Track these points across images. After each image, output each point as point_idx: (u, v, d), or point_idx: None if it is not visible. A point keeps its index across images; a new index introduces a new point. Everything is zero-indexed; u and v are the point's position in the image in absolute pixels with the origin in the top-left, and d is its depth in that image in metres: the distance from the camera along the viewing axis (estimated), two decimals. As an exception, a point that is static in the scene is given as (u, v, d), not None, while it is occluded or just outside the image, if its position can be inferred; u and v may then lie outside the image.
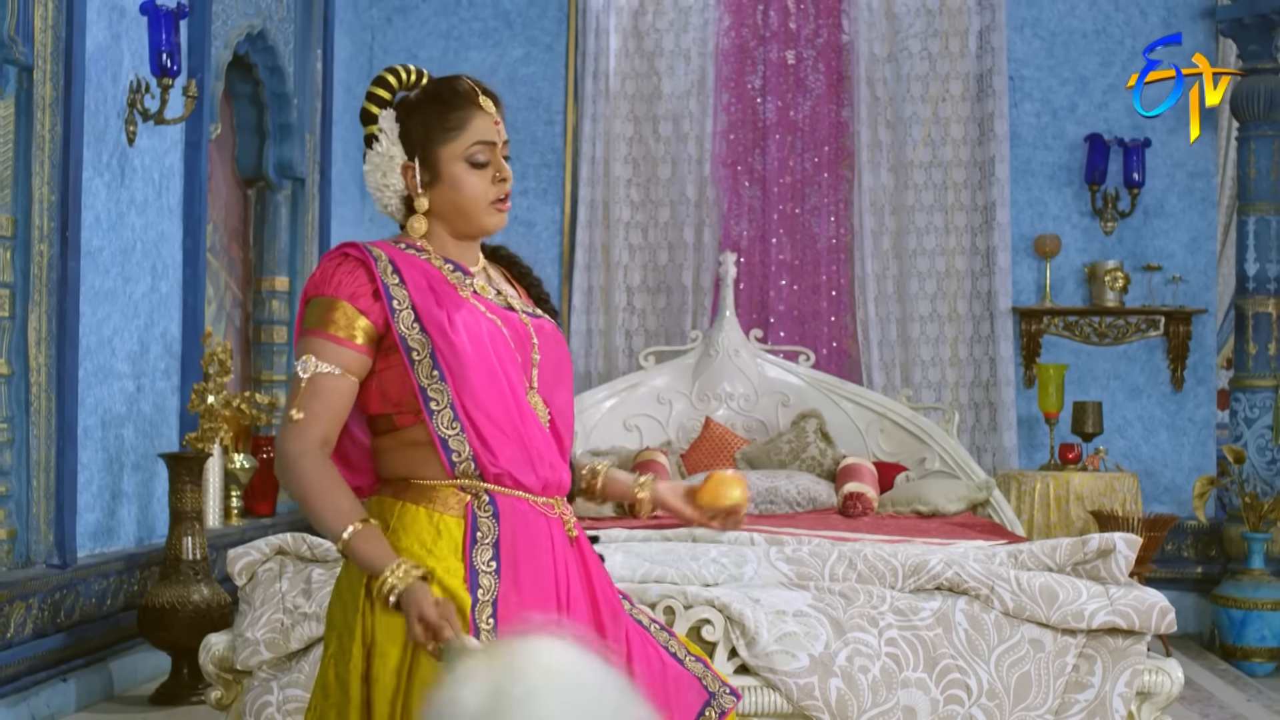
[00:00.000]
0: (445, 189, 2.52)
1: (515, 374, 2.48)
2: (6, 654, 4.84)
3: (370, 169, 2.56)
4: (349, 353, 2.41)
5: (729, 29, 8.21)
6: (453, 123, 2.51)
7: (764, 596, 3.82)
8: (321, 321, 2.41)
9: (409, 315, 2.43)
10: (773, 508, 6.27)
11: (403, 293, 2.44)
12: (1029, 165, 8.11)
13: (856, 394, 7.18)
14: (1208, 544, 7.86)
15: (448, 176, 2.51)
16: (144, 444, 5.93)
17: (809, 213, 8.19)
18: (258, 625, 3.91)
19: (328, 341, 2.40)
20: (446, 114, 2.52)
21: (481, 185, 2.52)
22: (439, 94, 2.54)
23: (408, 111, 2.54)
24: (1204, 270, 8.05)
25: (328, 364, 2.40)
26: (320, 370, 2.40)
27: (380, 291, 2.42)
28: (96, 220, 5.52)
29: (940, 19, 8.06)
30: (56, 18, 5.12)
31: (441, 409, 2.41)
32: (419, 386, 2.41)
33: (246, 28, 6.69)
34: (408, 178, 2.53)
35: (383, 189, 2.55)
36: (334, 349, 2.40)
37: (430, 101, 2.54)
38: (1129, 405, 8.03)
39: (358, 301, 2.42)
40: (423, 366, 2.42)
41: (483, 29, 8.38)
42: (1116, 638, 3.79)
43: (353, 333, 2.41)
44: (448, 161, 2.51)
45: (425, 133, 2.52)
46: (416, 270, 2.47)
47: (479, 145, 2.51)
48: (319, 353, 2.40)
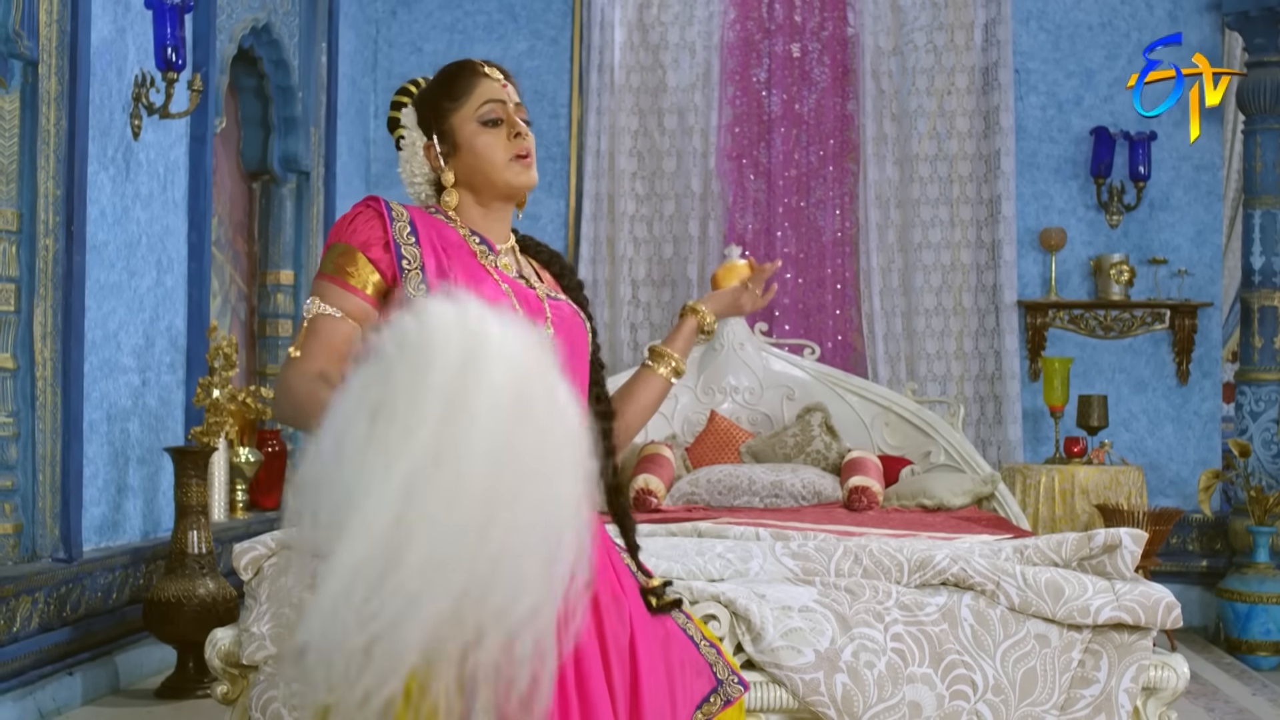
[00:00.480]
0: (465, 155, 2.54)
1: None
2: (12, 648, 4.84)
3: (401, 167, 2.61)
4: (353, 298, 2.42)
5: (734, 22, 8.20)
6: (458, 90, 2.55)
7: (769, 592, 3.82)
8: (332, 267, 2.44)
9: (417, 276, 2.43)
10: (778, 501, 6.27)
11: (415, 252, 2.45)
12: (1034, 158, 8.09)
13: (861, 387, 7.17)
14: (1213, 538, 7.85)
15: (464, 142, 2.53)
16: (149, 438, 5.93)
17: (814, 206, 8.18)
18: (263, 620, 3.91)
19: (334, 285, 2.42)
20: (452, 84, 2.56)
21: (497, 142, 2.54)
22: (445, 72, 2.59)
23: (421, 98, 2.60)
24: (1209, 263, 8.04)
25: (330, 306, 2.41)
26: (323, 311, 2.41)
27: (391, 245, 2.44)
28: (101, 214, 5.52)
29: (945, 12, 8.05)
30: (61, 12, 5.12)
31: None
32: None
33: (251, 21, 6.68)
34: (430, 157, 2.57)
35: (413, 181, 2.60)
36: (339, 293, 2.42)
37: (437, 81, 2.59)
38: (1134, 399, 8.02)
39: (369, 251, 2.44)
40: None
41: (487, 22, 8.37)
42: (1122, 633, 3.78)
43: (361, 281, 2.43)
44: (460, 127, 2.54)
45: (435, 108, 2.56)
46: (435, 231, 2.49)
47: (488, 104, 2.53)
48: (324, 295, 2.42)
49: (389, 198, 2.54)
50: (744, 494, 6.31)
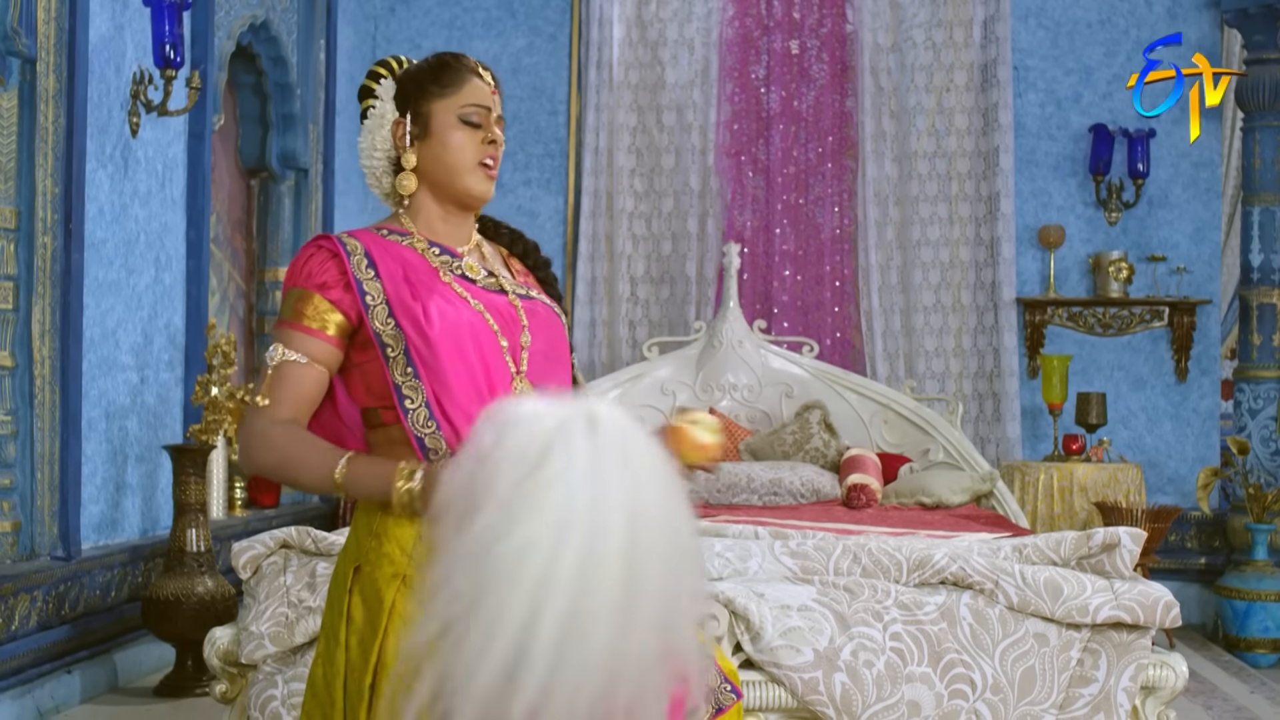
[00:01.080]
0: (433, 144, 2.48)
1: (498, 364, 2.42)
2: (11, 646, 4.84)
3: (363, 137, 2.54)
4: (316, 342, 2.39)
5: (733, 18, 8.20)
6: (448, 80, 2.49)
7: (768, 591, 3.82)
8: (291, 312, 2.40)
9: (383, 310, 2.39)
10: (776, 499, 6.28)
11: (376, 286, 2.40)
12: (1033, 155, 8.09)
13: (860, 385, 7.18)
14: (1211, 535, 7.86)
15: (437, 131, 2.48)
16: (148, 436, 5.93)
17: (813, 203, 8.17)
18: (262, 619, 3.91)
19: (295, 331, 2.39)
20: (443, 73, 2.50)
21: (470, 143, 2.48)
22: (439, 59, 2.54)
23: (405, 75, 2.53)
24: (1208, 261, 8.04)
25: (294, 352, 2.38)
26: (287, 358, 2.38)
27: (352, 284, 2.40)
28: (100, 212, 5.51)
29: (944, 8, 8.04)
30: (60, 9, 5.11)
31: (416, 407, 2.37)
32: (393, 384, 2.37)
33: (249, 18, 6.68)
34: (397, 134, 2.50)
35: (372, 154, 2.53)
36: (301, 338, 2.38)
37: (428, 65, 2.53)
38: (1133, 396, 8.02)
39: (328, 293, 2.39)
40: (397, 363, 2.37)
41: (486, 18, 8.37)
42: (1121, 632, 3.78)
43: (322, 323, 2.39)
44: (439, 115, 2.48)
45: (419, 89, 2.50)
46: (393, 259, 2.44)
47: (473, 107, 2.48)
48: (286, 342, 2.39)
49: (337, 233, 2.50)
50: (742, 492, 6.31)
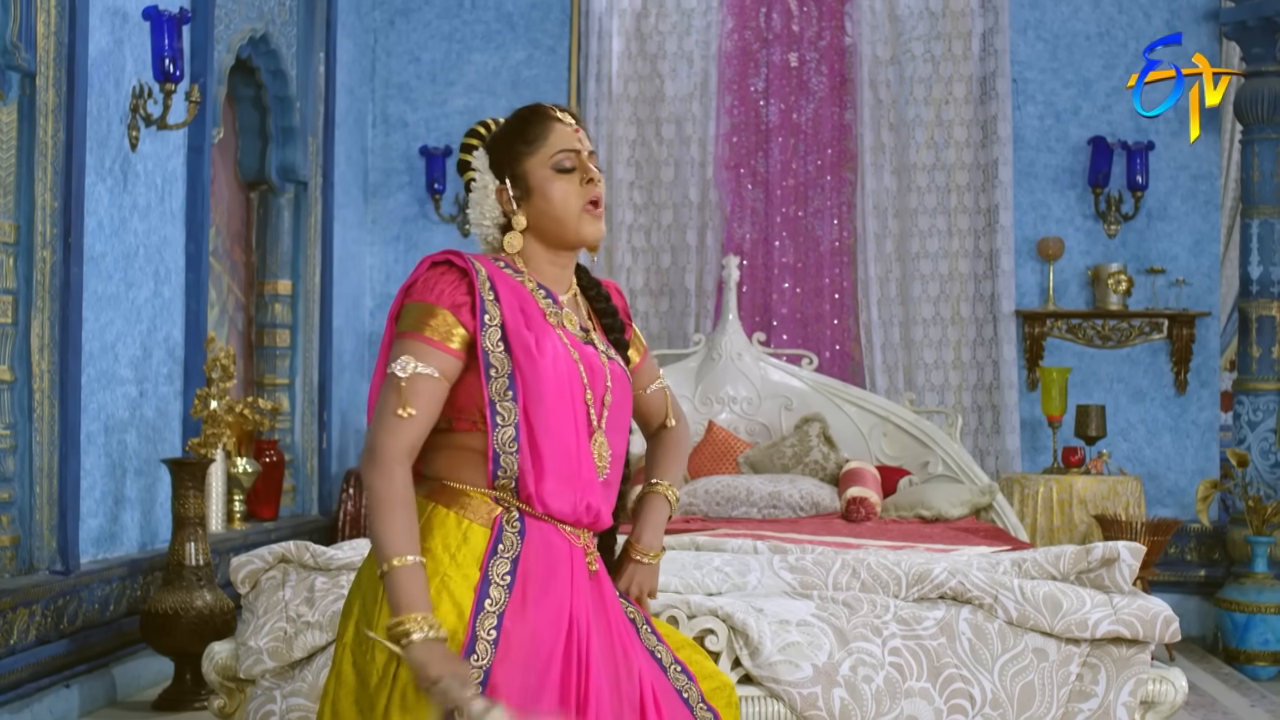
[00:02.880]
0: (537, 200, 2.58)
1: (582, 412, 2.54)
2: (9, 660, 4.84)
3: (472, 209, 2.64)
4: (448, 358, 2.46)
5: (731, 31, 8.20)
6: (533, 135, 2.59)
7: (767, 606, 3.82)
8: (421, 325, 2.46)
9: (496, 333, 2.47)
10: (776, 512, 6.27)
11: (496, 309, 2.49)
12: (1032, 168, 8.10)
13: (859, 397, 7.17)
14: (1211, 547, 7.85)
15: (537, 186, 2.58)
16: (147, 449, 5.93)
17: (812, 215, 8.18)
18: (260, 634, 3.91)
19: (427, 345, 2.45)
20: (526, 129, 2.60)
21: (570, 189, 2.58)
22: (518, 116, 2.64)
23: (494, 142, 2.63)
24: (1207, 273, 8.04)
25: (427, 366, 2.44)
26: (421, 371, 2.44)
27: (477, 305, 2.47)
28: (99, 225, 5.51)
29: (943, 21, 8.05)
30: (59, 23, 5.12)
31: (505, 425, 2.46)
32: (488, 400, 2.46)
33: (249, 31, 6.68)
34: (502, 200, 2.60)
35: (481, 224, 2.63)
36: (433, 352, 2.45)
37: (511, 125, 2.63)
38: (1132, 408, 8.02)
39: (459, 312, 2.47)
40: (498, 383, 2.47)
41: (485, 31, 8.38)
42: (1120, 647, 3.78)
43: (451, 339, 2.46)
44: (534, 171, 2.58)
45: (509, 152, 2.60)
46: (510, 289, 2.53)
47: (563, 153, 2.58)
48: (418, 354, 2.45)
49: (467, 250, 2.57)
50: (742, 505, 6.31)
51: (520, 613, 2.41)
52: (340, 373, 7.85)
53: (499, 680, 2.36)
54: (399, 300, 2.53)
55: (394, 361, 2.45)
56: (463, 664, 2.31)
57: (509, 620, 2.40)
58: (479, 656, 2.36)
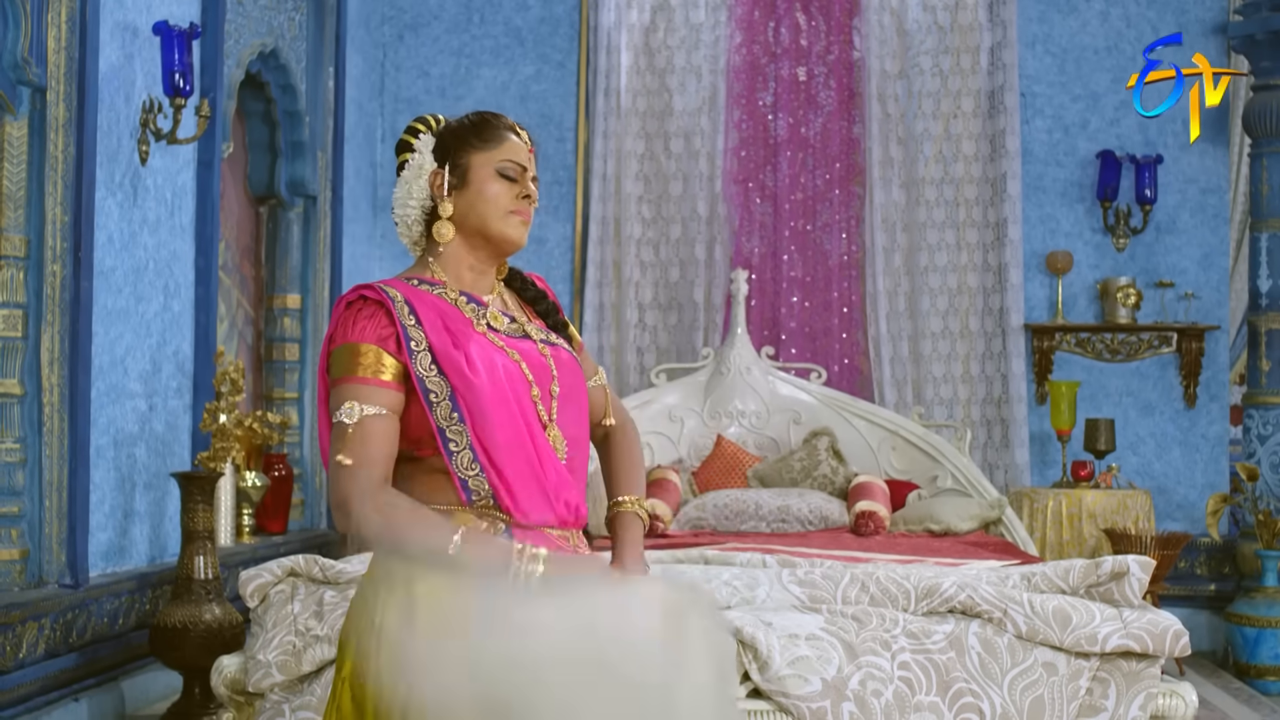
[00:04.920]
0: (470, 194, 2.56)
1: (531, 411, 2.50)
2: (19, 674, 4.84)
3: (398, 187, 2.62)
4: (387, 392, 2.43)
5: (740, 46, 8.22)
6: (488, 135, 2.58)
7: (776, 620, 3.82)
8: (354, 366, 2.43)
9: (426, 357, 2.45)
10: (784, 526, 6.27)
11: (420, 334, 2.46)
12: (1041, 182, 8.10)
13: (868, 411, 7.17)
14: (1221, 561, 7.84)
15: (474, 181, 2.56)
16: (156, 463, 5.93)
17: (820, 229, 8.18)
18: (269, 647, 3.91)
19: (365, 386, 2.42)
20: (483, 129, 2.59)
21: (506, 193, 2.56)
22: (480, 117, 2.63)
23: (446, 130, 2.63)
24: (1216, 287, 8.04)
25: (372, 406, 2.41)
26: (367, 413, 2.41)
27: (400, 334, 2.45)
28: (109, 240, 5.53)
29: (951, 36, 8.06)
30: (70, 39, 5.13)
31: (461, 450, 2.44)
32: (437, 428, 2.43)
33: (259, 46, 6.70)
34: (434, 184, 2.58)
35: (406, 204, 2.60)
36: (373, 390, 2.42)
37: (468, 121, 2.62)
38: (1141, 422, 8.01)
39: (385, 344, 2.45)
40: (441, 408, 2.44)
41: (494, 46, 8.40)
42: (1130, 661, 3.78)
43: (384, 373, 2.43)
44: (477, 167, 2.56)
45: (459, 142, 2.58)
46: (431, 309, 2.50)
47: (510, 162, 2.57)
48: (360, 397, 2.41)
49: (377, 281, 2.55)
50: (751, 519, 6.30)
51: None
52: (349, 387, 7.85)
53: None
54: (325, 349, 2.50)
55: (338, 410, 2.41)
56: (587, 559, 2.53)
57: None
58: None
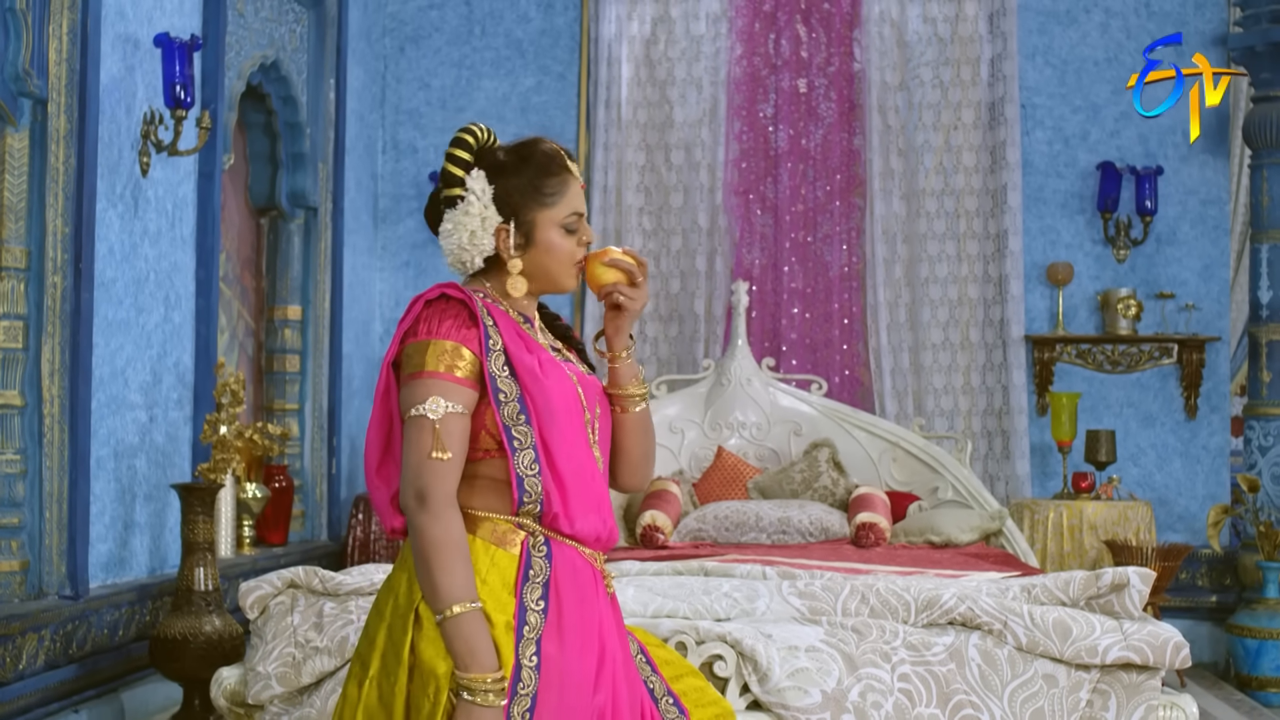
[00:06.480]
0: (538, 253, 2.59)
1: (584, 430, 2.57)
2: (19, 685, 4.84)
3: (454, 228, 2.58)
4: (468, 392, 2.48)
5: (740, 58, 8.22)
6: (551, 188, 2.59)
7: (776, 631, 3.81)
8: (437, 362, 2.47)
9: (500, 358, 2.50)
10: (785, 538, 6.26)
11: (498, 335, 2.51)
12: (1041, 193, 8.10)
13: (869, 423, 7.17)
14: (1222, 573, 7.83)
15: (542, 241, 2.58)
16: (156, 474, 5.94)
17: (821, 241, 8.18)
18: (269, 659, 3.91)
19: (448, 382, 2.47)
20: (544, 180, 2.59)
21: (569, 247, 2.60)
22: (532, 158, 2.60)
23: (502, 174, 2.59)
24: (1217, 298, 8.04)
25: (454, 404, 2.46)
26: (451, 410, 2.46)
27: (481, 334, 2.50)
28: (110, 251, 5.53)
29: (952, 47, 8.07)
30: (71, 50, 5.14)
31: (524, 449, 2.48)
32: (503, 426, 2.48)
33: (260, 58, 6.71)
34: (500, 239, 2.58)
35: (469, 249, 2.58)
36: (456, 389, 2.47)
37: (525, 166, 2.60)
38: (1142, 433, 8.00)
39: (468, 344, 2.49)
40: (509, 408, 2.49)
41: (495, 58, 8.41)
42: (1131, 673, 3.77)
43: (467, 372, 2.48)
44: (544, 227, 2.58)
45: (523, 198, 2.58)
46: (502, 317, 2.55)
47: (575, 216, 2.60)
48: (445, 393, 2.46)
49: (460, 283, 2.60)
50: (751, 530, 6.30)
51: (556, 637, 2.45)
52: (350, 398, 7.86)
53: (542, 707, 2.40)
54: (398, 344, 2.53)
55: (422, 403, 2.45)
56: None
57: (547, 645, 2.43)
58: (525, 684, 2.39)
